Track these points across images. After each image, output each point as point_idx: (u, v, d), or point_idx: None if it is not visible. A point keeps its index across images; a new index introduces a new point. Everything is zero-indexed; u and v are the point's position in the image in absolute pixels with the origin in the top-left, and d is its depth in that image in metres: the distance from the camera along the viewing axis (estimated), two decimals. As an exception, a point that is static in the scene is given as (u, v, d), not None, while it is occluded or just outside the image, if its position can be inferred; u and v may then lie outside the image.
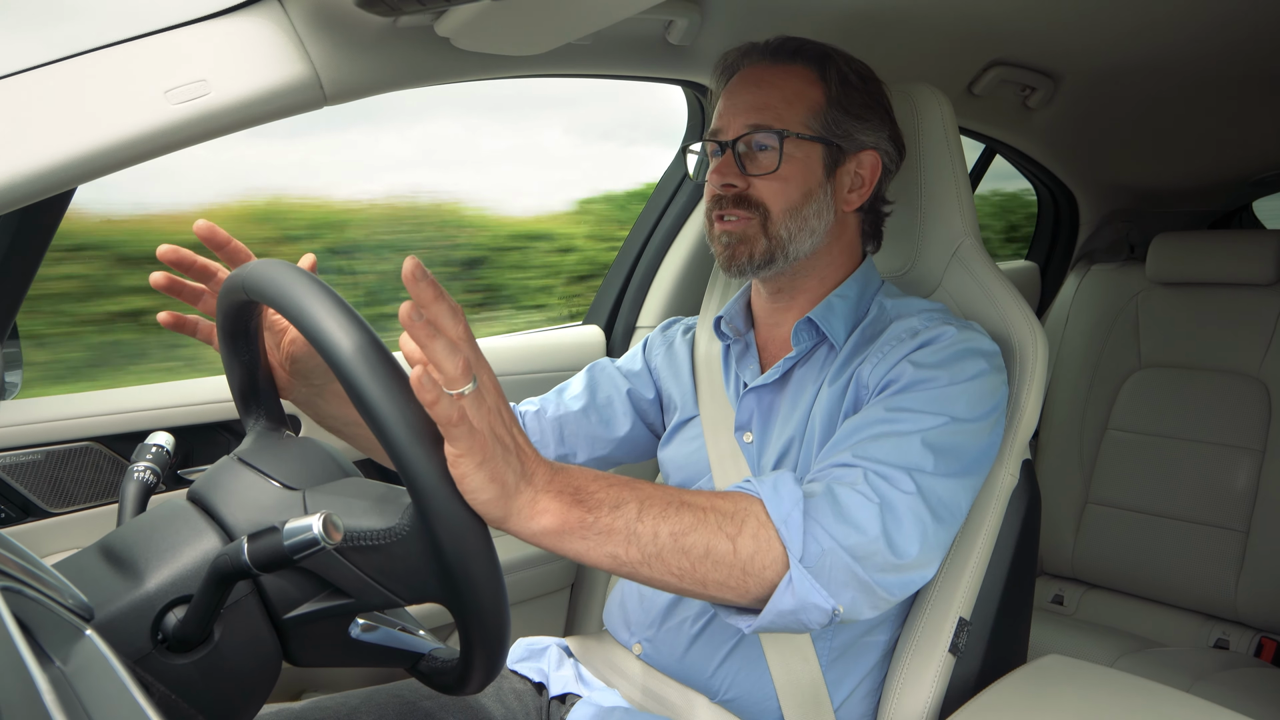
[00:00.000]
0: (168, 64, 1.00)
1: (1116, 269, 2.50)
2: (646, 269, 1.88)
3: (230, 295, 0.91)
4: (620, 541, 0.83)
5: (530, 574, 1.76)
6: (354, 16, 1.09)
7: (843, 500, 0.95)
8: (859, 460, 1.00)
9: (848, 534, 0.93)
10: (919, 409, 1.03)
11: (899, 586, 0.98)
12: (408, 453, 0.73)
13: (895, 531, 0.95)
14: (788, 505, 0.92)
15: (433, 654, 0.88)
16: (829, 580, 0.92)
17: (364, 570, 0.79)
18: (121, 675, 0.54)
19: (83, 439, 1.33)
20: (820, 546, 0.91)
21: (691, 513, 0.88)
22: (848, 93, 1.20)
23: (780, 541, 0.91)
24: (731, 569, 0.89)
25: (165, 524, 0.83)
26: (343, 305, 0.77)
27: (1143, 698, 1.11)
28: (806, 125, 1.17)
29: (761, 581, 0.91)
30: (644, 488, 0.87)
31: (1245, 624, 2.16)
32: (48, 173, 0.93)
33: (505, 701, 1.24)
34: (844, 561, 0.92)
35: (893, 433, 1.02)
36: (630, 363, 1.43)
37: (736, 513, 0.91)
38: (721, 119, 1.21)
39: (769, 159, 1.16)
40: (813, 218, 1.18)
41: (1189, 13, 1.58)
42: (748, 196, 1.17)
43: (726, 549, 0.88)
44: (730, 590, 0.90)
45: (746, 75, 1.22)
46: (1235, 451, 2.19)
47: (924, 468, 1.00)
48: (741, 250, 1.17)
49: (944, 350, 1.09)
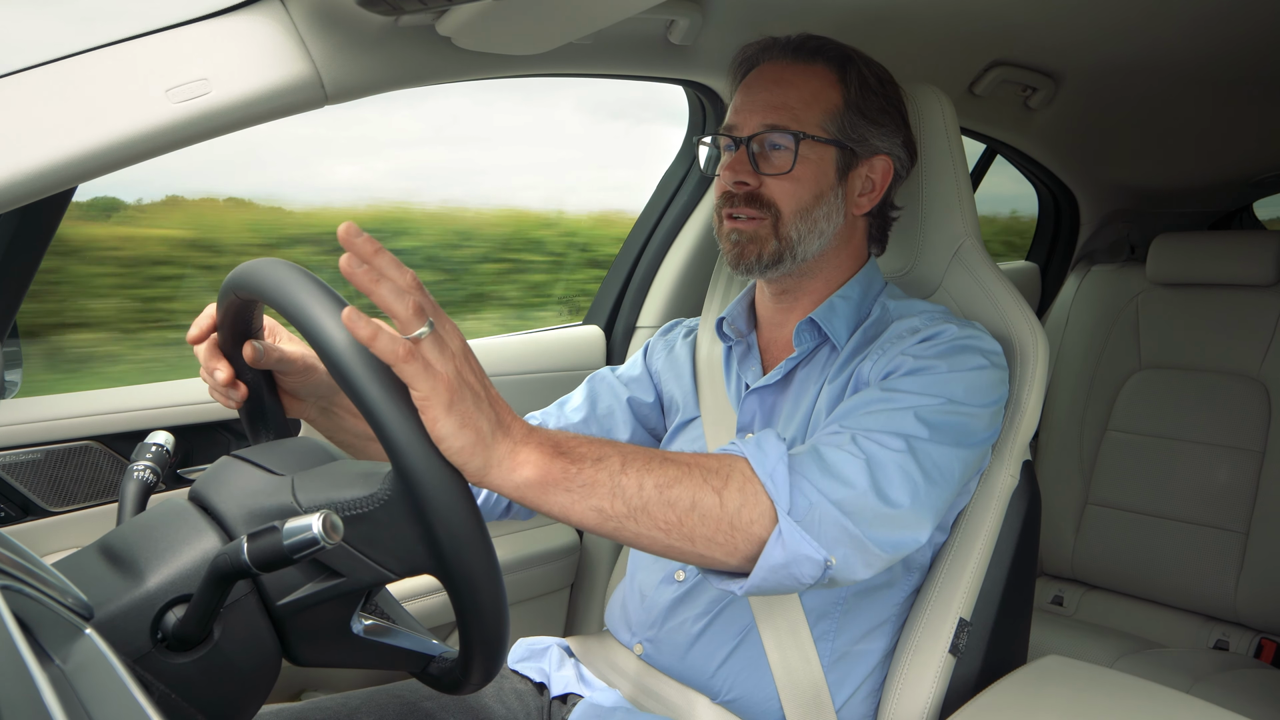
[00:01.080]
0: (169, 63, 1.00)
1: (1117, 270, 2.50)
2: (647, 269, 1.88)
3: (224, 298, 0.92)
4: (605, 494, 0.82)
5: (530, 574, 1.76)
6: (355, 16, 1.09)
7: (828, 457, 0.95)
8: (845, 427, 1.00)
9: (835, 488, 0.93)
10: (915, 390, 1.03)
11: (891, 544, 0.96)
12: (382, 411, 0.73)
13: (884, 483, 0.95)
14: (772, 460, 0.92)
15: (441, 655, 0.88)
16: (819, 533, 0.91)
17: (350, 543, 0.79)
18: (121, 674, 0.54)
19: (83, 438, 1.33)
20: (808, 500, 0.91)
21: (676, 466, 0.87)
22: (866, 97, 1.19)
23: (767, 495, 0.90)
24: (719, 523, 0.88)
25: (165, 523, 0.83)
26: (327, 290, 0.78)
27: (1142, 699, 1.11)
28: (823, 128, 1.17)
29: (750, 537, 0.89)
30: (625, 445, 0.87)
31: (1245, 625, 2.16)
32: (48, 171, 0.93)
33: (506, 701, 1.24)
34: (833, 515, 0.92)
35: (885, 408, 1.01)
36: (630, 369, 1.43)
37: (721, 468, 0.90)
38: (738, 115, 1.20)
39: (783, 159, 1.16)
40: (822, 220, 1.18)
41: (1190, 14, 1.58)
42: (759, 195, 1.17)
43: (713, 502, 0.88)
44: (719, 548, 0.89)
45: (766, 71, 1.21)
46: (1235, 453, 2.19)
47: (917, 435, 0.99)
48: (750, 250, 1.17)
49: (944, 344, 1.09)
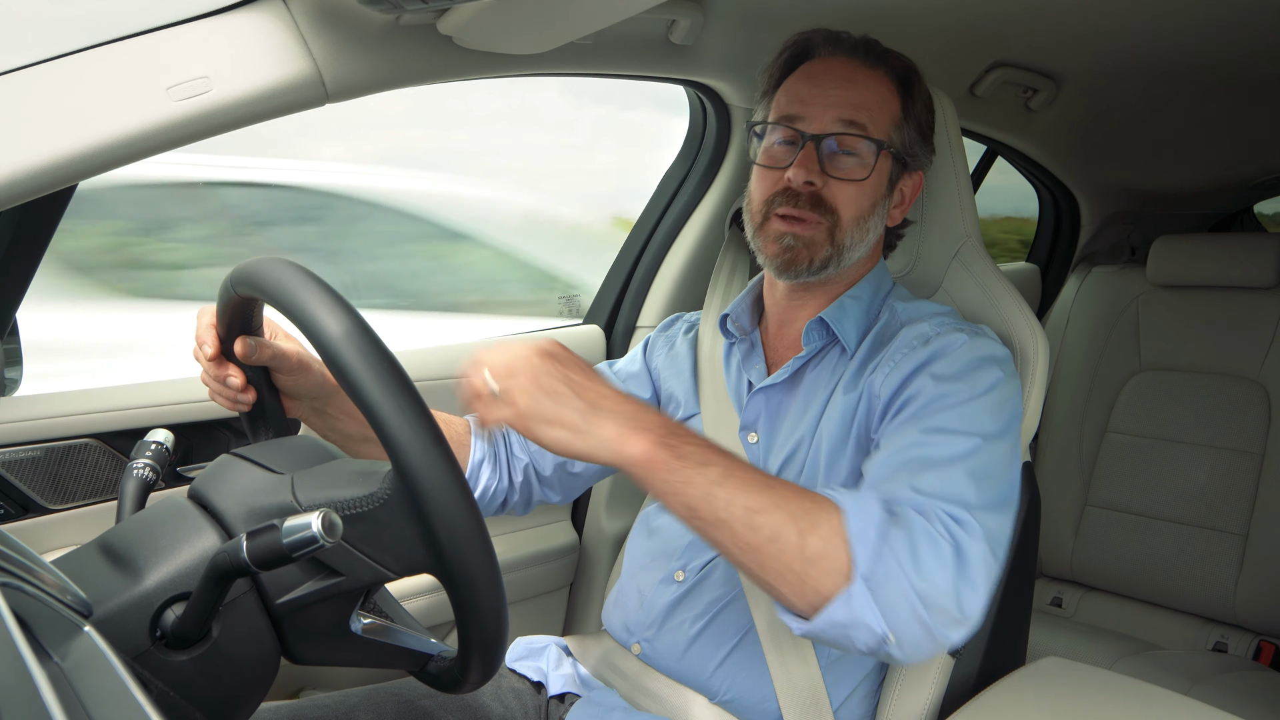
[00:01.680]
0: (170, 60, 1.00)
1: (1117, 271, 2.50)
2: (647, 268, 1.88)
3: (224, 296, 0.92)
4: (697, 497, 0.87)
5: (529, 573, 1.76)
6: (357, 14, 1.09)
7: (919, 538, 0.91)
8: (919, 494, 0.95)
9: (920, 577, 0.89)
10: (952, 428, 1.01)
11: (954, 642, 0.94)
12: (381, 409, 0.73)
13: (966, 589, 0.91)
14: (866, 522, 0.90)
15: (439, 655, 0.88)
16: (888, 608, 0.88)
17: (350, 542, 0.79)
18: (120, 672, 0.54)
19: (82, 436, 1.33)
20: (887, 572, 0.89)
21: (771, 495, 0.89)
22: (923, 113, 1.19)
23: (849, 552, 0.88)
24: (793, 561, 0.88)
25: (164, 521, 0.83)
26: (327, 289, 0.78)
27: (1141, 700, 1.11)
28: (889, 136, 1.16)
29: (819, 588, 0.89)
30: (733, 458, 0.90)
31: (1244, 627, 2.16)
32: (49, 169, 0.93)
33: (504, 700, 1.24)
34: (911, 600, 0.89)
35: (935, 460, 0.98)
36: (629, 365, 1.43)
37: (815, 511, 0.90)
38: (805, 107, 1.15)
39: (857, 164, 1.13)
40: (872, 230, 1.17)
41: (1191, 16, 1.57)
42: (821, 198, 1.13)
43: (794, 541, 0.88)
44: (787, 585, 0.90)
45: (834, 66, 1.18)
46: (1235, 455, 2.19)
47: (980, 503, 0.96)
48: (803, 255, 1.14)
49: (959, 360, 1.07)
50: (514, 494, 1.33)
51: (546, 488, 1.35)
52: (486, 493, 1.30)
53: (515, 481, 1.33)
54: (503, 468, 1.32)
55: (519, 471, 1.33)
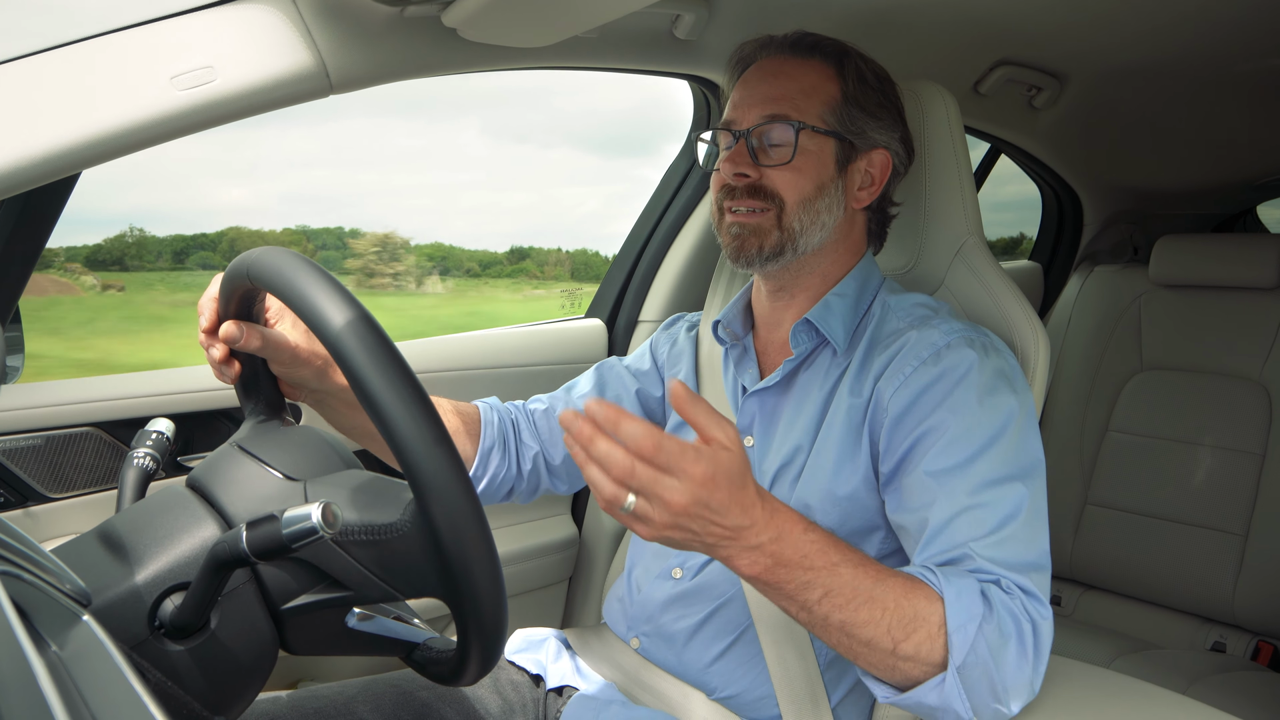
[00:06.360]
0: (174, 50, 1.00)
1: (1119, 270, 2.50)
2: (650, 263, 1.88)
3: (234, 281, 0.91)
4: (797, 609, 0.91)
5: (529, 566, 1.76)
6: (361, 5, 1.09)
7: (1007, 626, 0.94)
8: (994, 564, 0.98)
9: (1005, 670, 0.93)
10: (998, 477, 1.01)
11: (1020, 708, 0.98)
12: (413, 451, 0.72)
13: (1039, 669, 0.96)
14: (967, 618, 0.92)
15: (428, 644, 0.88)
16: (975, 694, 0.93)
17: (364, 564, 0.79)
18: (118, 661, 0.54)
19: (83, 424, 1.33)
20: (979, 661, 0.92)
21: (869, 610, 0.91)
22: (864, 90, 1.19)
23: (945, 648, 0.92)
24: (884, 659, 0.92)
25: (164, 510, 0.83)
26: (333, 281, 0.77)
27: (1139, 700, 1.11)
28: (822, 119, 1.17)
29: (910, 675, 0.93)
30: (837, 573, 0.90)
31: (1242, 627, 2.16)
32: (52, 157, 0.93)
33: (502, 692, 1.24)
34: (994, 687, 0.93)
35: (994, 522, 0.99)
36: (639, 362, 1.43)
37: (914, 620, 0.92)
38: (736, 109, 1.20)
39: (783, 150, 1.16)
40: (824, 212, 1.18)
41: (1196, 15, 1.57)
42: (761, 187, 1.16)
43: (888, 648, 0.92)
44: (877, 671, 0.95)
45: (764, 66, 1.22)
46: (1235, 455, 2.19)
47: (1040, 554, 1.01)
48: (752, 242, 1.17)
49: (974, 386, 1.06)
50: (521, 482, 1.34)
51: (554, 477, 1.36)
52: (495, 480, 1.30)
53: (524, 470, 1.33)
54: (512, 456, 1.32)
55: (528, 460, 1.33)
